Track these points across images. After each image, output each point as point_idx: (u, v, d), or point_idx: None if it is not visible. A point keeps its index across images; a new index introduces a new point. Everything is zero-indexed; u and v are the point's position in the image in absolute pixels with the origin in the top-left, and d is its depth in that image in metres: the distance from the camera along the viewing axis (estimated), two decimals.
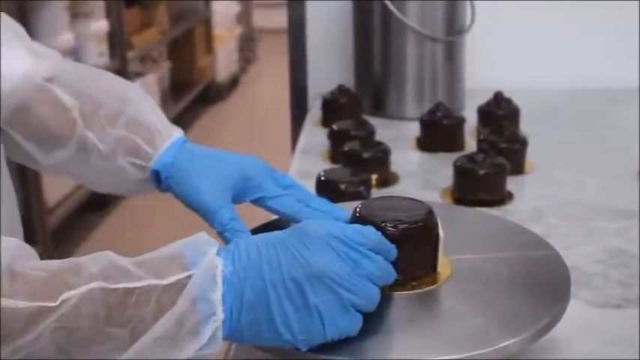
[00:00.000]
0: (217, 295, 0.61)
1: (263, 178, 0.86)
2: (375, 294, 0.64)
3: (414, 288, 0.73)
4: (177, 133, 0.90)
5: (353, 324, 0.64)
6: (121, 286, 0.59)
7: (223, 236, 0.82)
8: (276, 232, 0.66)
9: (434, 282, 0.75)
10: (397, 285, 0.71)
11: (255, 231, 0.84)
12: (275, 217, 0.89)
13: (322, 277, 0.62)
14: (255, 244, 0.64)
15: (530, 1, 1.73)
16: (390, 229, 0.72)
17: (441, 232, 0.75)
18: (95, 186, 0.94)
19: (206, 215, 0.84)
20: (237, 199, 0.86)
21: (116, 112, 0.88)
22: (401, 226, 0.72)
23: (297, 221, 0.77)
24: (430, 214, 0.74)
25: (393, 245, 0.68)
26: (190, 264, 0.61)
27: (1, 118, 0.86)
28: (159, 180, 0.88)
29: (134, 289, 0.59)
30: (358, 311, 0.64)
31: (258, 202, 0.86)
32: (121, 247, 0.69)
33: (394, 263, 0.68)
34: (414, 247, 0.73)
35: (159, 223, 3.33)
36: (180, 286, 0.60)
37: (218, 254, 0.63)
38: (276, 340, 0.63)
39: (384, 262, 0.66)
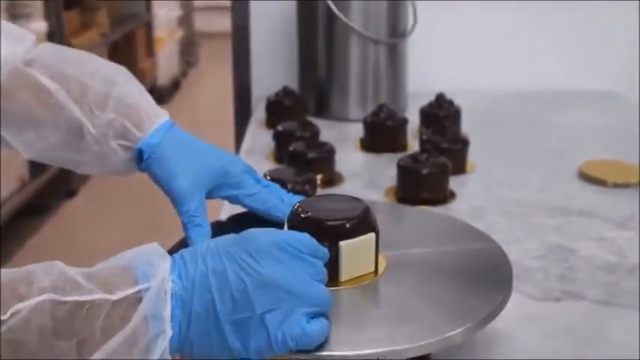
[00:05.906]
0: (167, 312, 0.61)
1: (243, 175, 0.86)
2: (324, 292, 0.65)
3: (354, 282, 0.74)
4: (164, 115, 0.89)
5: (317, 328, 0.64)
6: (70, 299, 0.58)
7: (184, 226, 0.82)
8: (222, 238, 0.66)
9: (373, 276, 0.76)
10: (334, 281, 0.73)
11: (220, 225, 0.86)
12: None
13: (270, 285, 0.62)
14: (200, 254, 0.64)
15: (470, 4, 1.77)
16: (329, 224, 0.73)
17: (376, 229, 0.76)
18: (84, 169, 0.92)
19: (176, 202, 0.83)
20: (212, 194, 0.85)
21: (104, 95, 0.86)
22: (338, 222, 0.73)
23: (273, 217, 0.83)
24: (367, 210, 0.76)
25: (325, 249, 0.69)
26: (141, 277, 0.61)
27: None
28: (140, 160, 0.87)
29: (84, 302, 0.58)
30: (320, 316, 0.64)
31: (233, 198, 0.86)
32: (56, 255, 0.68)
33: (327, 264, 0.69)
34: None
35: (94, 232, 3.30)
36: (130, 301, 0.59)
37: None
38: (226, 352, 0.63)
39: (322, 264, 0.67)
